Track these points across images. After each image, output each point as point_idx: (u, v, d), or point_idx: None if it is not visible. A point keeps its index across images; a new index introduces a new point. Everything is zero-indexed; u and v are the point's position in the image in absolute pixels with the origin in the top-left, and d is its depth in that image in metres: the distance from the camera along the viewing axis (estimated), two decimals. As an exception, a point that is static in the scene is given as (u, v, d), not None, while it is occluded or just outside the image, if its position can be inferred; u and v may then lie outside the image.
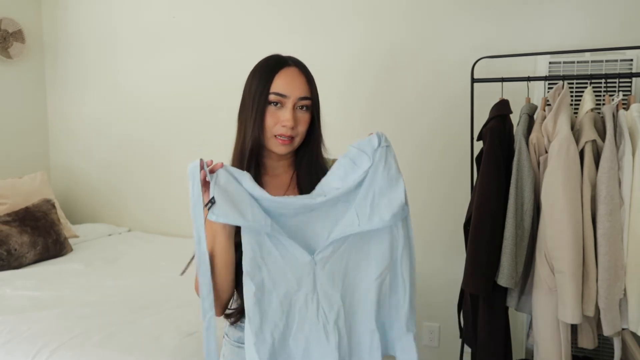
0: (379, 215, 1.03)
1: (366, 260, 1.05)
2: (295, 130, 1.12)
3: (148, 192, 3.22)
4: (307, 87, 1.13)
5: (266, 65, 1.14)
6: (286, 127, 1.10)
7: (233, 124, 1.17)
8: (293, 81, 1.12)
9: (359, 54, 2.59)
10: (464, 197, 2.19)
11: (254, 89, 1.12)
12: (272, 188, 1.19)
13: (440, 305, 2.51)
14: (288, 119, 1.09)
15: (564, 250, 1.59)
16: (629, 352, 1.73)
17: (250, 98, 1.12)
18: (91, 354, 1.59)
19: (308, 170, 1.19)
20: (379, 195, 1.05)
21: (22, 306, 1.96)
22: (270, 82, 1.10)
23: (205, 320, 0.99)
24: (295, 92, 1.11)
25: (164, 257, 2.61)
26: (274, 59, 1.15)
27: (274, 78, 1.11)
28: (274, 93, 1.10)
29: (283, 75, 1.11)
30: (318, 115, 1.17)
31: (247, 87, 1.15)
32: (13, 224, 2.54)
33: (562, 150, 1.61)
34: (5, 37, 3.12)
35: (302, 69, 1.15)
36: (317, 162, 1.20)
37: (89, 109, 3.34)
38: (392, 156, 1.08)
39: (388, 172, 1.07)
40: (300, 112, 1.12)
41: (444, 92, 2.45)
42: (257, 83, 1.12)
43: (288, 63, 1.14)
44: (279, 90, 1.10)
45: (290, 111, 1.10)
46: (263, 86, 1.10)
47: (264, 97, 1.10)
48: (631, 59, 2.04)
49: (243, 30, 2.85)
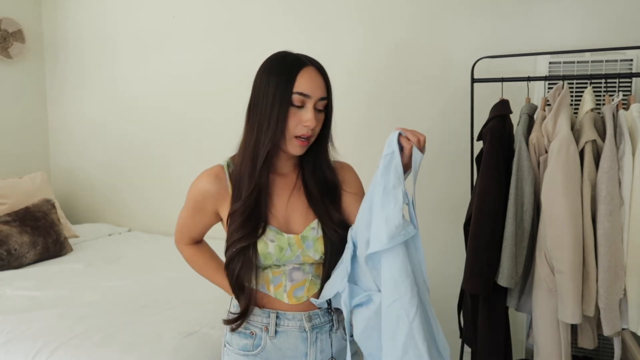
0: (377, 237, 0.99)
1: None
2: (313, 131, 1.11)
3: (148, 192, 3.22)
4: (325, 87, 1.12)
5: (283, 64, 1.11)
6: (308, 127, 1.09)
7: (233, 124, 1.17)
8: (315, 81, 1.10)
9: (360, 54, 2.59)
10: (464, 197, 2.19)
11: (272, 88, 1.08)
12: (280, 186, 1.19)
13: (440, 305, 2.50)
14: (311, 119, 1.08)
15: (564, 250, 1.59)
16: (629, 352, 1.73)
17: (267, 97, 1.09)
18: (91, 354, 1.59)
19: (314, 169, 1.19)
20: (378, 212, 1.01)
21: (22, 306, 1.96)
22: (293, 82, 1.08)
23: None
24: (317, 93, 1.09)
25: (164, 257, 2.61)
26: (290, 57, 1.13)
27: (296, 77, 1.08)
28: (298, 93, 1.08)
29: (306, 75, 1.09)
30: (331, 114, 1.17)
31: (260, 85, 1.12)
32: (13, 224, 2.54)
33: (562, 150, 1.61)
34: (5, 37, 3.12)
35: (320, 68, 1.14)
36: (325, 161, 1.20)
37: (89, 108, 3.34)
38: (394, 166, 1.01)
39: (384, 186, 1.02)
40: (318, 113, 1.11)
41: (444, 92, 2.45)
42: (275, 82, 1.08)
43: (306, 62, 1.12)
44: (303, 91, 1.08)
45: (312, 111, 1.09)
46: (284, 86, 1.08)
47: (287, 99, 1.08)
48: (631, 59, 2.04)
49: (243, 30, 2.85)
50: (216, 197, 1.16)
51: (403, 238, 1.00)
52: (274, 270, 1.15)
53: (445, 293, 2.42)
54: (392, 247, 0.99)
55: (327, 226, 1.14)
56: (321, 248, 1.14)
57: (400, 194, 1.00)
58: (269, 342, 1.15)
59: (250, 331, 1.16)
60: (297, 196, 1.19)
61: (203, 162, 1.15)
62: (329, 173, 1.20)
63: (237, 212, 1.12)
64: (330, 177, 1.20)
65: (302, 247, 1.14)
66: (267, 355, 1.15)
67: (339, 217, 1.16)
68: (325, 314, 1.19)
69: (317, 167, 1.19)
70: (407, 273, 1.00)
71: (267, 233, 1.12)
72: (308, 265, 1.16)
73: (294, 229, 1.16)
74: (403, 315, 0.99)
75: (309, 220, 1.16)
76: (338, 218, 1.16)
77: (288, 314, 1.15)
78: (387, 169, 1.02)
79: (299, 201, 1.19)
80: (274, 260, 1.12)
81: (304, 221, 1.17)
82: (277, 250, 1.12)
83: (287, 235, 1.14)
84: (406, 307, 0.99)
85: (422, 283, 1.05)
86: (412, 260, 1.03)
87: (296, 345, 1.15)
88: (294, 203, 1.18)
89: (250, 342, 1.16)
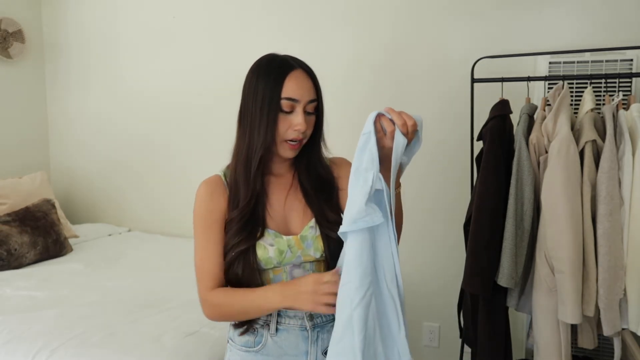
0: (344, 218, 0.97)
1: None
2: (304, 134, 1.11)
3: (148, 191, 3.22)
4: (314, 89, 1.12)
5: (271, 68, 1.10)
6: (298, 131, 1.09)
7: (234, 123, 1.17)
8: (303, 85, 1.10)
9: (359, 53, 2.59)
10: (464, 197, 2.19)
11: (260, 94, 1.09)
12: (277, 187, 1.19)
13: (440, 305, 2.51)
14: (301, 123, 1.08)
15: (564, 250, 1.59)
16: (629, 352, 1.73)
17: (256, 102, 1.09)
18: (91, 354, 1.59)
19: (307, 168, 1.20)
20: (350, 191, 0.98)
21: (22, 306, 1.96)
22: (280, 87, 1.08)
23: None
24: (305, 96, 1.09)
25: (164, 257, 2.61)
26: (277, 61, 1.12)
27: (283, 83, 1.08)
28: (286, 99, 1.08)
29: (293, 80, 1.09)
30: (322, 115, 1.17)
31: (249, 89, 1.12)
32: (13, 224, 2.54)
33: (562, 150, 1.61)
34: (5, 37, 3.12)
35: (308, 71, 1.14)
36: (318, 160, 1.21)
37: (89, 108, 3.34)
38: (369, 148, 0.97)
39: (357, 166, 0.98)
40: (308, 116, 1.12)
41: (443, 92, 2.45)
42: (263, 87, 1.08)
43: (294, 66, 1.11)
44: (291, 96, 1.08)
45: (301, 115, 1.09)
46: (272, 91, 1.08)
47: (275, 104, 1.07)
48: (631, 59, 2.04)
49: (242, 29, 2.85)
50: (219, 203, 1.15)
51: (365, 224, 0.97)
52: (274, 270, 1.15)
53: (445, 293, 2.43)
54: (355, 230, 0.97)
55: (323, 225, 1.14)
56: (321, 246, 1.14)
57: (371, 177, 0.96)
58: (269, 339, 1.15)
59: (252, 328, 1.16)
60: (293, 196, 1.19)
61: (204, 162, 1.15)
62: (323, 170, 1.21)
63: (234, 219, 1.12)
64: (325, 175, 1.21)
65: (302, 248, 1.14)
66: (267, 352, 1.15)
67: (334, 215, 1.16)
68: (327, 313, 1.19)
69: (310, 165, 1.20)
70: (361, 261, 0.98)
71: (265, 237, 1.12)
72: (309, 264, 1.16)
73: (293, 230, 1.16)
74: (347, 301, 0.97)
75: (307, 220, 1.17)
76: (334, 215, 1.16)
77: (289, 312, 1.15)
78: (362, 149, 0.98)
79: (296, 201, 1.19)
80: (275, 263, 1.12)
81: (302, 220, 1.17)
82: (277, 254, 1.12)
83: (286, 237, 1.14)
84: (351, 294, 0.97)
85: (390, 278, 1.02)
86: (380, 252, 1.01)
87: (297, 344, 1.15)
88: (291, 203, 1.19)
89: (252, 339, 1.16)
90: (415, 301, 2.50)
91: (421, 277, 2.53)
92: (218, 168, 1.22)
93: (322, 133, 1.19)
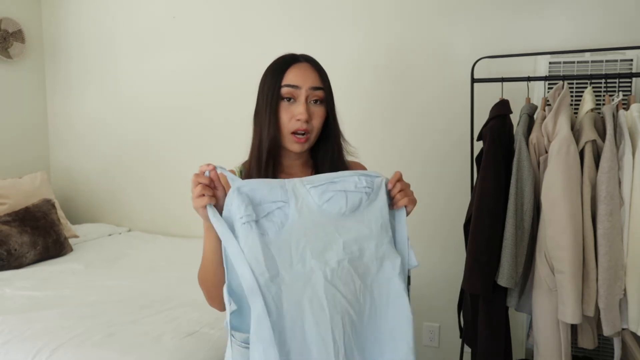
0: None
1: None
2: (310, 125, 1.10)
3: (148, 192, 3.22)
4: (319, 78, 1.12)
5: (277, 64, 1.13)
6: (300, 120, 1.08)
7: (233, 123, 1.17)
8: (305, 73, 1.10)
9: (359, 54, 2.59)
10: (464, 197, 2.19)
11: (266, 88, 1.11)
12: None
13: (440, 305, 2.51)
14: (301, 112, 1.08)
15: (564, 250, 1.59)
16: (629, 352, 1.73)
17: (263, 98, 1.11)
18: (91, 354, 1.58)
19: (331, 168, 1.16)
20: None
21: (22, 306, 1.95)
22: (282, 78, 1.09)
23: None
24: (307, 83, 1.09)
25: (164, 257, 2.61)
26: (286, 57, 1.14)
27: (285, 73, 1.09)
28: (285, 85, 1.08)
29: (295, 69, 1.10)
30: (333, 109, 1.15)
31: (260, 88, 1.14)
32: (13, 224, 2.54)
33: (562, 150, 1.61)
34: (5, 37, 3.12)
35: (314, 63, 1.14)
36: (340, 159, 1.18)
37: (89, 109, 3.34)
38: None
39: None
40: (314, 106, 1.11)
41: (443, 92, 2.45)
42: (269, 82, 1.11)
43: (299, 59, 1.13)
44: (290, 82, 1.08)
45: (303, 104, 1.08)
46: (274, 83, 1.09)
47: (276, 93, 1.09)
48: (631, 59, 2.04)
49: (243, 31, 2.85)
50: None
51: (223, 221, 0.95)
52: None
53: (445, 293, 2.43)
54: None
55: None
56: None
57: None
58: None
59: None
60: None
61: (204, 162, 1.15)
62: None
63: None
64: None
65: None
66: None
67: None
68: None
69: (333, 166, 1.16)
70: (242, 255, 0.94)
71: None
72: None
73: None
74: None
75: None
76: None
77: None
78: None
79: None
80: None
81: None
82: None
83: None
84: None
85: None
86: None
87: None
88: None
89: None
90: (415, 301, 2.49)
91: (421, 277, 2.53)
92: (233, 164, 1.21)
93: (339, 132, 1.17)
